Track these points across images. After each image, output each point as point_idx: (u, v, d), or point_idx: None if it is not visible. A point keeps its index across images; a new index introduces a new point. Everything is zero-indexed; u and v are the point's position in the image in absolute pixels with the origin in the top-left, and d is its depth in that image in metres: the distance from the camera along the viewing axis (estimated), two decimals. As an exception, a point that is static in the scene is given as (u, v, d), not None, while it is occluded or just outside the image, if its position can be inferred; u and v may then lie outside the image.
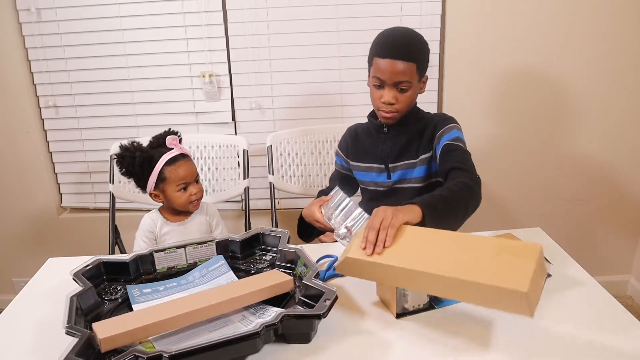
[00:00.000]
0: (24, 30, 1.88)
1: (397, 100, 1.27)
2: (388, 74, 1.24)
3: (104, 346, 0.79)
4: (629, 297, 2.17)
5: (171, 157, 1.33)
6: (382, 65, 1.24)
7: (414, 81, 1.26)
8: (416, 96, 1.32)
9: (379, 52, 1.25)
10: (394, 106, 1.27)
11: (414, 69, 1.24)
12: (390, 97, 1.26)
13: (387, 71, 1.23)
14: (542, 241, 1.20)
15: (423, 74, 1.29)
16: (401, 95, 1.26)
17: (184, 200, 1.35)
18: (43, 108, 1.98)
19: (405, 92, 1.26)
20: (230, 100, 1.95)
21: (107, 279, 1.05)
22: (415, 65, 1.24)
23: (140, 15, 1.85)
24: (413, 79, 1.25)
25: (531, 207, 2.05)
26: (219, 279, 1.06)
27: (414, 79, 1.25)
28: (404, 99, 1.27)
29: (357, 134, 1.46)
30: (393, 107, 1.27)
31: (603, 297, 0.98)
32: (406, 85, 1.25)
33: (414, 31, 1.29)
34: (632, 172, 1.99)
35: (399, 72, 1.23)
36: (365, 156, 1.42)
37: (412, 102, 1.30)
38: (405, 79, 1.24)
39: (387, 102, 1.27)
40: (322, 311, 0.84)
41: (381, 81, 1.26)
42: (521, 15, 1.81)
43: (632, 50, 1.84)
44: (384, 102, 1.27)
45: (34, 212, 2.09)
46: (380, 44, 1.27)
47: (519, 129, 1.95)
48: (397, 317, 0.94)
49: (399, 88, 1.26)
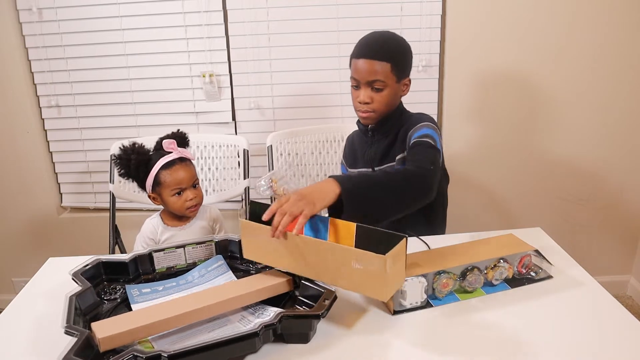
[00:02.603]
0: (24, 30, 1.88)
1: (372, 99, 1.27)
2: (362, 73, 1.25)
3: (102, 346, 0.79)
4: (629, 297, 2.17)
5: (168, 161, 1.31)
6: (357, 65, 1.26)
7: (390, 81, 1.26)
8: (395, 97, 1.31)
9: (355, 53, 1.29)
10: (369, 105, 1.28)
11: (388, 69, 1.24)
12: (366, 97, 1.27)
13: (361, 70, 1.25)
14: (542, 241, 1.20)
15: (402, 75, 1.29)
16: (376, 95, 1.27)
17: (179, 205, 1.33)
18: (43, 108, 1.98)
19: (381, 91, 1.26)
20: (230, 100, 1.95)
21: (107, 279, 1.05)
22: (389, 64, 1.24)
23: (140, 15, 1.85)
24: (388, 79, 1.25)
25: (531, 207, 2.05)
26: (218, 279, 1.06)
27: (389, 79, 1.25)
28: (379, 98, 1.27)
29: (353, 141, 1.48)
30: (369, 106, 1.28)
31: (603, 297, 0.98)
32: (380, 84, 1.25)
33: (394, 34, 1.30)
34: (632, 172, 1.99)
35: (373, 72, 1.24)
36: (357, 161, 1.43)
37: (389, 103, 1.30)
38: (378, 77, 1.24)
39: (363, 102, 1.28)
40: (321, 311, 0.84)
41: (357, 81, 1.28)
42: (521, 15, 1.81)
43: (631, 50, 1.84)
44: (360, 101, 1.28)
45: (34, 211, 2.09)
46: (356, 46, 1.30)
47: (519, 129, 1.95)
48: (394, 314, 0.94)
49: (373, 87, 1.26)
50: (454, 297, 0.99)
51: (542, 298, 0.98)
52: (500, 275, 1.02)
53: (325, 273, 0.92)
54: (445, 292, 0.98)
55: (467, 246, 1.09)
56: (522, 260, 1.04)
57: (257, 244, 1.00)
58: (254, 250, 1.02)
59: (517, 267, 1.04)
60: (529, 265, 1.05)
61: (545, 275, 1.05)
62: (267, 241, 0.97)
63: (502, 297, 0.99)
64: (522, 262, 1.04)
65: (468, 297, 0.99)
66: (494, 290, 1.01)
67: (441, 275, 0.97)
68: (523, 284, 1.03)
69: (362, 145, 1.41)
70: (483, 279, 1.01)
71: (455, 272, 0.98)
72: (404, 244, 0.88)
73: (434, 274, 0.97)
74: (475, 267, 1.00)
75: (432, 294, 0.98)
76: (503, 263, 1.01)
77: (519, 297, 0.99)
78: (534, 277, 1.05)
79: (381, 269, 0.83)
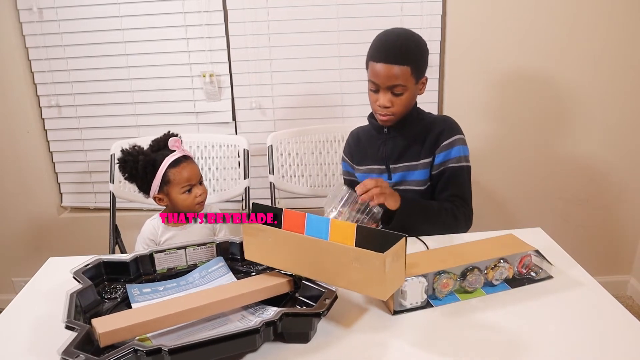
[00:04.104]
0: (24, 29, 1.88)
1: (392, 103, 1.27)
2: (382, 78, 1.24)
3: (103, 341, 0.79)
4: (629, 297, 2.17)
5: (174, 159, 1.32)
6: (376, 70, 1.25)
7: (409, 84, 1.25)
8: (414, 98, 1.32)
9: (373, 56, 1.26)
10: (389, 109, 1.28)
11: (408, 72, 1.24)
12: (386, 101, 1.27)
13: (381, 75, 1.24)
14: (542, 241, 1.20)
15: (420, 75, 1.29)
16: (396, 99, 1.27)
17: (189, 202, 1.35)
18: (43, 108, 1.98)
19: (400, 95, 1.26)
20: (230, 100, 1.95)
21: (107, 278, 1.05)
22: (409, 68, 1.23)
23: (140, 15, 1.85)
24: (408, 82, 1.25)
25: (531, 207, 2.05)
26: (218, 280, 1.06)
27: (409, 82, 1.25)
28: (399, 102, 1.27)
29: (359, 137, 1.46)
30: (388, 110, 1.28)
31: (603, 297, 0.98)
32: (400, 89, 1.25)
33: (411, 32, 1.28)
34: (632, 172, 1.99)
35: (393, 77, 1.23)
36: (367, 158, 1.42)
37: (408, 105, 1.30)
38: (399, 82, 1.24)
39: (382, 106, 1.27)
40: (322, 310, 0.84)
41: (376, 85, 1.27)
42: (521, 15, 1.81)
43: (631, 50, 1.84)
44: (380, 105, 1.28)
45: (34, 211, 2.09)
46: (374, 47, 1.28)
47: (519, 129, 1.95)
48: (394, 314, 0.94)
49: (393, 92, 1.26)
50: (454, 297, 0.99)
51: (542, 298, 0.98)
52: (500, 275, 1.02)
53: (325, 272, 0.92)
54: (445, 292, 0.98)
55: (467, 246, 1.09)
56: (523, 261, 1.04)
57: (258, 245, 1.01)
58: (255, 250, 1.02)
59: (518, 267, 1.04)
60: (529, 265, 1.05)
61: (546, 275, 1.05)
62: (268, 242, 0.97)
63: (503, 297, 0.99)
64: (522, 262, 1.04)
65: (468, 297, 0.99)
66: (494, 290, 1.01)
67: (441, 276, 0.97)
68: (523, 284, 1.03)
69: (373, 142, 1.40)
70: (483, 279, 1.01)
71: (455, 272, 0.98)
72: (403, 243, 0.88)
73: (434, 274, 0.97)
74: (476, 267, 1.00)
75: (432, 294, 0.98)
76: (503, 263, 1.01)
77: (519, 297, 0.99)
78: (534, 277, 1.05)
79: (380, 267, 0.83)
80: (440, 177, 1.33)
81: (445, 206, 1.29)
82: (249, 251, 1.04)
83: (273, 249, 0.98)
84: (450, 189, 1.31)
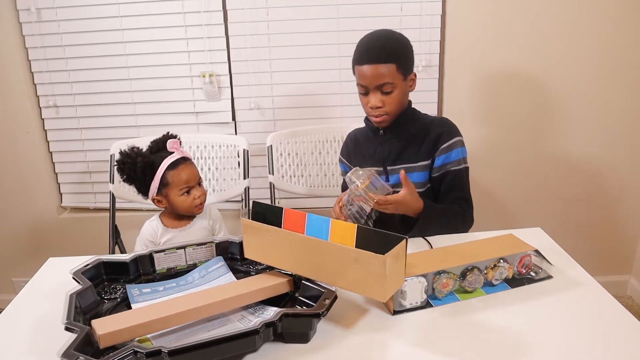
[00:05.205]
0: (24, 30, 1.88)
1: (383, 103, 1.27)
2: (369, 79, 1.25)
3: (102, 342, 0.79)
4: (629, 297, 2.17)
5: (173, 161, 1.32)
6: (363, 72, 1.25)
7: (397, 81, 1.25)
8: (405, 96, 1.32)
9: (358, 59, 1.27)
10: (381, 109, 1.28)
11: (394, 69, 1.24)
12: (377, 101, 1.27)
13: (368, 76, 1.25)
14: (542, 241, 1.20)
15: (407, 72, 1.28)
16: (387, 98, 1.27)
17: (188, 204, 1.35)
18: (43, 108, 1.98)
19: (390, 93, 1.26)
20: (230, 100, 1.95)
21: (107, 279, 1.05)
22: (395, 65, 1.23)
23: (140, 15, 1.85)
24: (396, 80, 1.25)
25: (531, 207, 2.05)
26: (218, 280, 1.06)
27: (396, 79, 1.25)
28: (390, 100, 1.27)
29: (357, 139, 1.47)
30: (381, 110, 1.28)
31: (603, 297, 0.98)
32: (389, 87, 1.25)
33: (391, 31, 1.29)
34: (632, 172, 1.99)
35: (379, 76, 1.23)
36: (364, 160, 1.42)
37: (400, 103, 1.30)
38: (386, 81, 1.24)
39: (374, 107, 1.27)
40: (322, 310, 0.84)
41: (365, 87, 1.27)
42: (521, 15, 1.81)
43: (631, 50, 1.84)
44: (371, 106, 1.28)
45: (34, 211, 2.09)
46: (358, 51, 1.29)
47: (519, 129, 1.95)
48: (394, 314, 0.94)
49: (382, 91, 1.26)
50: (454, 297, 0.99)
51: (542, 298, 0.98)
52: (500, 275, 1.02)
53: (325, 273, 0.92)
54: (445, 292, 0.98)
55: (467, 246, 1.09)
56: (522, 260, 1.04)
57: (258, 244, 1.01)
58: (255, 249, 1.02)
59: (517, 267, 1.04)
60: (529, 265, 1.05)
61: (545, 275, 1.05)
62: (268, 241, 0.98)
63: (502, 297, 0.99)
64: (522, 262, 1.04)
65: (468, 297, 0.99)
66: (494, 290, 1.01)
67: (441, 275, 0.97)
68: (523, 284, 1.03)
69: (370, 143, 1.40)
70: (483, 279, 1.01)
71: (455, 272, 0.98)
72: (403, 244, 0.88)
73: (434, 274, 0.97)
74: (475, 267, 1.00)
75: (432, 294, 0.98)
76: (503, 263, 1.01)
77: (519, 297, 0.99)
78: (534, 277, 1.05)
79: (380, 269, 0.83)
80: (442, 180, 1.33)
81: (455, 209, 1.30)
82: (248, 249, 1.03)
83: (273, 248, 0.98)
84: (453, 192, 1.32)
